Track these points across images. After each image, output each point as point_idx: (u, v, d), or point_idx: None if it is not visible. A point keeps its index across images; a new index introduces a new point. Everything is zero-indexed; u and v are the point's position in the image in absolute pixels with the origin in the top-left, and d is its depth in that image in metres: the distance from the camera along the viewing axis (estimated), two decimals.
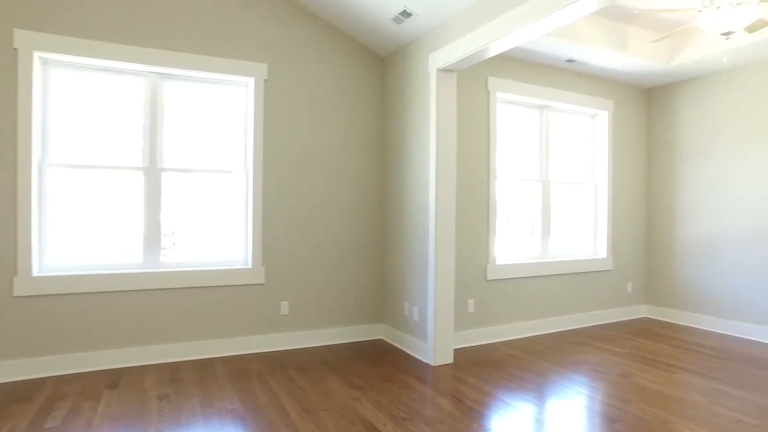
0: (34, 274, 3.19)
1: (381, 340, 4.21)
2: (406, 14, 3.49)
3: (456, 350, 3.91)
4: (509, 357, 3.75)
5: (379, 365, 3.51)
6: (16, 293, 3.11)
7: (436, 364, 3.52)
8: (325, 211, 4.06)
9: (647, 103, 5.30)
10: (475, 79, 4.11)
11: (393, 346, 4.00)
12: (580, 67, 4.58)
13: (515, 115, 4.47)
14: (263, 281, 3.81)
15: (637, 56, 4.22)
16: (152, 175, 3.54)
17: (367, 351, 3.87)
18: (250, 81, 3.79)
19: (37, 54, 3.18)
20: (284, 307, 3.90)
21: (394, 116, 4.11)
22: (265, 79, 3.81)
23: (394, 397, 2.89)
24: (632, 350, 3.95)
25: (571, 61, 4.36)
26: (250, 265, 3.79)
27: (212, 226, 3.74)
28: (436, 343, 3.52)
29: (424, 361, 3.61)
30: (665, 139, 5.11)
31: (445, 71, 3.53)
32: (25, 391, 2.92)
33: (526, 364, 3.56)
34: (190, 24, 3.56)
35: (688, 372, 3.41)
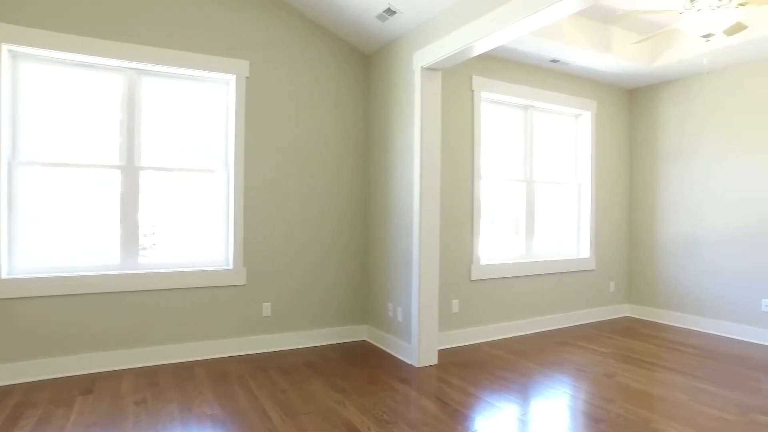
0: (3, 276, 3.07)
1: (365, 341, 4.16)
2: (390, 12, 3.45)
3: (440, 351, 3.88)
4: (493, 357, 3.73)
5: (363, 367, 3.46)
6: None
7: (420, 366, 3.49)
8: (308, 210, 3.99)
9: (629, 104, 5.35)
10: (459, 78, 4.10)
11: (377, 348, 3.96)
12: (563, 68, 4.60)
13: (500, 115, 4.47)
14: (245, 282, 3.74)
15: (620, 57, 4.25)
16: (130, 173, 3.44)
17: (351, 352, 3.82)
18: (232, 78, 3.71)
19: (5, 47, 3.05)
20: (266, 308, 3.83)
21: (379, 115, 4.07)
22: (247, 77, 3.73)
23: (378, 400, 2.85)
24: (615, 349, 3.97)
25: (555, 61, 4.37)
26: (231, 266, 3.71)
27: (192, 226, 3.65)
28: (420, 344, 3.49)
29: (408, 362, 3.58)
30: (647, 139, 5.17)
31: (429, 70, 3.50)
32: None
33: (511, 365, 3.55)
34: (169, 19, 3.47)
35: (670, 371, 3.44)
